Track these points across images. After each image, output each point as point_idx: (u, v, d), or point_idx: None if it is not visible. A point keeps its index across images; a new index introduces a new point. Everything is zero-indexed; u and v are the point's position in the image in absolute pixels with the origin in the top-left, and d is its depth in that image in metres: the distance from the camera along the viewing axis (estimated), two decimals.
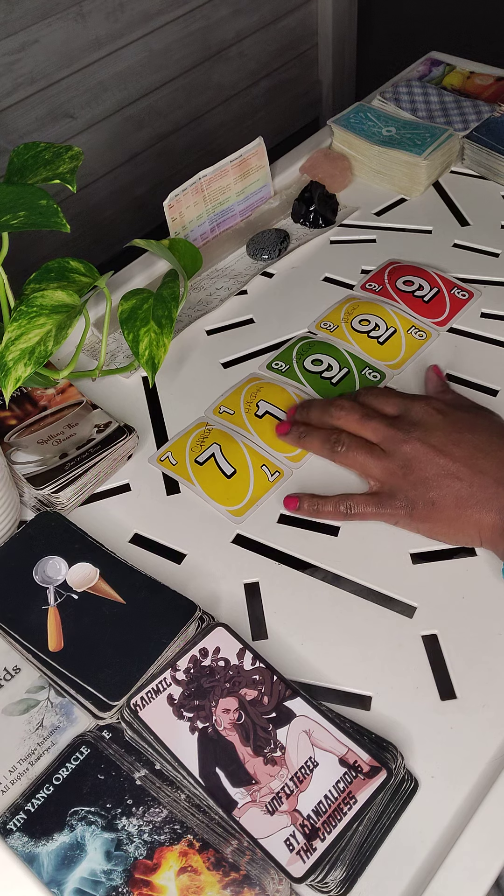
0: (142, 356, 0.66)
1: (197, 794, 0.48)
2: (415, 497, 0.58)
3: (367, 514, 0.60)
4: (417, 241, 0.85)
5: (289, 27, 1.57)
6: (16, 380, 0.58)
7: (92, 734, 0.51)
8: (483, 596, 0.57)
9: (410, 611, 0.57)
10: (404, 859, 0.47)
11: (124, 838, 0.47)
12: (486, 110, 0.94)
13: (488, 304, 0.77)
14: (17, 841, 0.47)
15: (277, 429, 0.66)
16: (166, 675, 0.52)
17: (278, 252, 0.84)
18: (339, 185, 0.91)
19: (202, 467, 0.66)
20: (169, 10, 1.32)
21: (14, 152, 0.68)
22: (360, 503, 0.60)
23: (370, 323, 0.75)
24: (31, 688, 0.54)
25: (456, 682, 0.53)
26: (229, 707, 0.50)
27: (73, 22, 1.19)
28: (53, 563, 0.58)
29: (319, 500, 0.61)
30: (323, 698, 0.52)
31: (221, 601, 0.58)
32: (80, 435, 0.66)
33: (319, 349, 0.74)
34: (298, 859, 0.45)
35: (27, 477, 0.63)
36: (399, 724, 0.52)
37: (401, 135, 0.90)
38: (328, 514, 0.61)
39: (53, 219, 0.60)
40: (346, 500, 0.60)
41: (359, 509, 0.60)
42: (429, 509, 0.58)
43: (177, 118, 1.44)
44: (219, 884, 0.45)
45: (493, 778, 0.49)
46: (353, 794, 0.47)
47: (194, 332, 0.78)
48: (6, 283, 0.64)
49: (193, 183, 0.81)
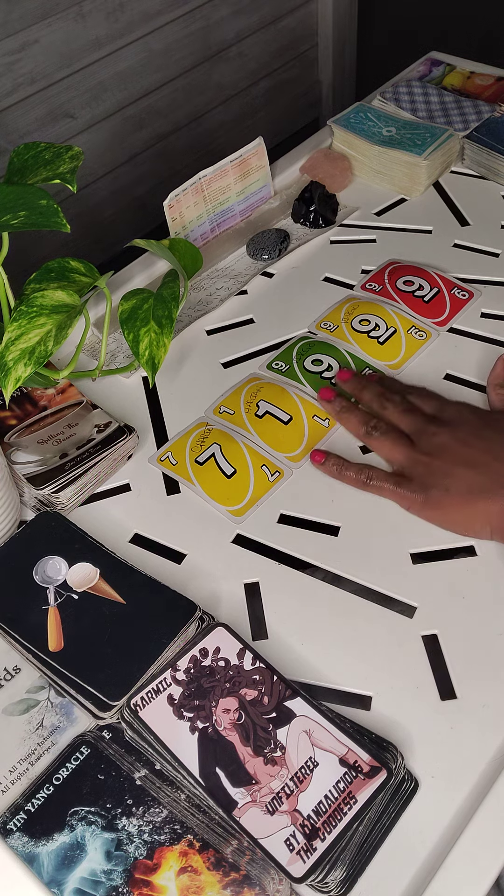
0: (142, 356, 0.66)
1: (197, 794, 0.48)
2: (431, 484, 0.60)
3: (384, 489, 0.62)
4: (417, 241, 0.85)
5: (289, 27, 1.57)
6: (16, 380, 0.58)
7: (92, 734, 0.51)
8: (483, 596, 0.57)
9: (410, 611, 0.57)
10: (404, 859, 0.47)
11: (124, 838, 0.47)
12: (486, 110, 0.94)
13: (488, 304, 0.77)
14: (17, 841, 0.47)
15: (321, 393, 0.69)
16: (166, 675, 0.52)
17: (278, 252, 0.84)
18: (339, 185, 0.91)
19: (202, 467, 0.66)
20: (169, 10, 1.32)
21: (14, 152, 0.68)
22: (381, 477, 0.62)
23: (370, 323, 0.75)
24: (31, 688, 0.54)
25: (456, 682, 0.53)
26: (229, 707, 0.50)
27: (73, 22, 1.19)
28: (53, 563, 0.58)
29: (345, 462, 0.63)
30: (323, 698, 0.52)
31: (221, 601, 0.58)
32: (80, 435, 0.66)
33: (319, 349, 0.74)
34: (298, 859, 0.45)
35: (27, 477, 0.63)
36: (399, 724, 0.52)
37: (401, 135, 0.90)
38: (349, 478, 0.63)
39: (53, 219, 0.60)
40: (368, 469, 0.62)
41: (377, 482, 0.62)
42: (442, 496, 0.59)
43: (177, 118, 1.44)
44: (219, 884, 0.45)
45: (493, 778, 0.49)
46: (354, 794, 0.47)
47: (194, 332, 0.78)
48: (6, 283, 0.64)
49: (193, 183, 0.81)
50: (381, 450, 0.64)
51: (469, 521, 0.59)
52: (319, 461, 0.64)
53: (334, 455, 0.64)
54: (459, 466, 0.59)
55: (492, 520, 0.58)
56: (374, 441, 0.64)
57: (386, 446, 0.64)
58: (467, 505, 0.58)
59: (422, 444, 0.62)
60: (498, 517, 0.57)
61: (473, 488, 0.58)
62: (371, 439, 0.65)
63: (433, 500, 0.60)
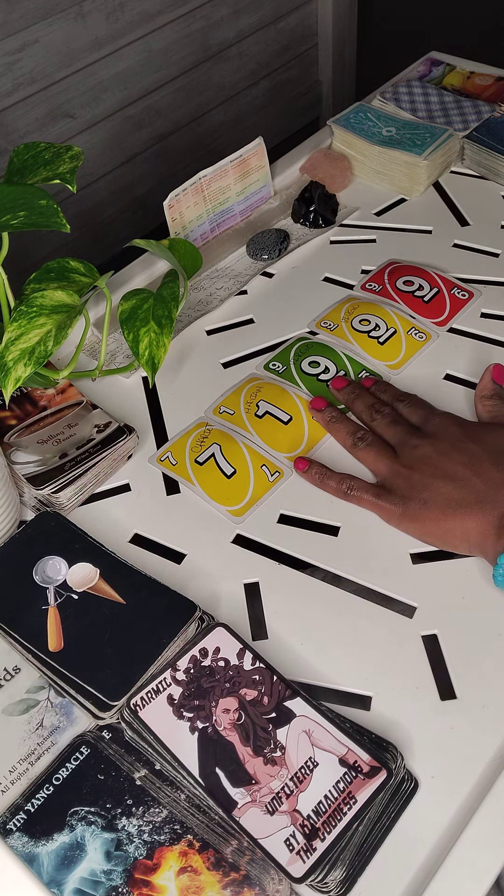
0: (142, 356, 0.66)
1: (197, 794, 0.48)
2: (409, 496, 0.59)
3: (364, 499, 0.62)
4: (417, 241, 0.85)
5: (289, 27, 1.57)
6: (16, 380, 0.58)
7: (92, 734, 0.51)
8: (483, 596, 0.57)
9: (410, 611, 0.57)
10: (404, 859, 0.47)
11: (124, 838, 0.47)
12: (486, 110, 0.94)
13: (488, 304, 0.77)
14: (17, 841, 0.47)
15: (313, 403, 0.69)
16: (166, 675, 0.52)
17: (278, 252, 0.84)
18: (339, 185, 0.91)
19: (202, 467, 0.66)
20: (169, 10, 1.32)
21: (14, 152, 0.68)
22: (361, 488, 0.62)
23: (370, 323, 0.75)
24: (31, 688, 0.54)
25: (456, 682, 0.53)
26: (229, 707, 0.50)
27: (73, 22, 1.19)
28: (53, 563, 0.58)
29: (327, 471, 0.64)
30: (323, 698, 0.52)
31: (221, 601, 0.58)
32: (80, 435, 0.66)
33: (317, 351, 0.74)
34: (298, 859, 0.45)
35: (27, 477, 0.63)
36: (399, 724, 0.52)
37: (401, 135, 0.90)
38: (330, 487, 0.63)
39: (53, 219, 0.60)
40: (349, 479, 0.62)
41: (358, 493, 0.62)
42: (420, 509, 0.59)
43: (177, 118, 1.44)
44: (219, 884, 0.45)
45: (493, 778, 0.49)
46: (353, 794, 0.47)
47: (194, 332, 0.78)
48: (6, 283, 0.64)
49: (193, 183, 0.81)
50: (366, 461, 0.65)
51: (447, 535, 0.58)
52: (303, 469, 0.64)
53: (317, 463, 0.64)
54: (438, 480, 0.59)
55: (469, 536, 0.57)
56: (360, 452, 0.65)
57: (370, 457, 0.64)
58: (445, 519, 0.58)
59: (404, 455, 0.62)
60: (475, 533, 0.56)
61: (451, 503, 0.57)
62: (357, 450, 0.65)
63: (411, 512, 0.59)
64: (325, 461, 0.65)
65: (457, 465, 0.59)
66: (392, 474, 0.61)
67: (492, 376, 0.67)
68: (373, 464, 0.64)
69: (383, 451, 0.63)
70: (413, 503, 0.59)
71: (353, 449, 0.65)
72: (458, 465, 0.59)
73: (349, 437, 0.66)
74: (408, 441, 0.62)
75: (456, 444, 0.61)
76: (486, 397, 0.66)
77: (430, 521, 0.58)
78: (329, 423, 0.67)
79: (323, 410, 0.68)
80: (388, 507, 0.60)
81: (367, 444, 0.64)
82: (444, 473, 0.59)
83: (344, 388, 0.69)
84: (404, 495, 0.60)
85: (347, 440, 0.66)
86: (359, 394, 0.68)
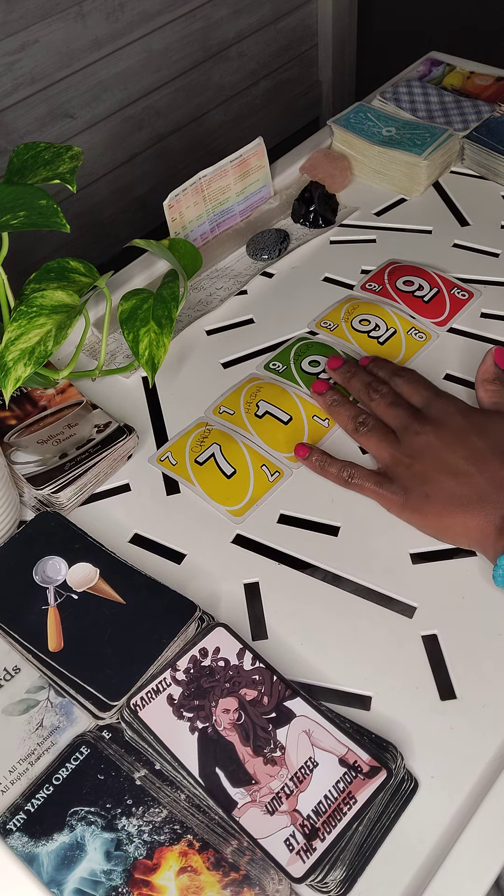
0: (142, 356, 0.66)
1: (197, 794, 0.48)
2: (411, 487, 0.59)
3: (364, 487, 0.61)
4: (417, 241, 0.85)
5: (289, 27, 1.57)
6: (16, 380, 0.58)
7: (92, 734, 0.51)
8: (483, 596, 0.57)
9: (410, 611, 0.57)
10: (404, 859, 0.47)
11: (124, 838, 0.47)
12: (486, 110, 0.94)
13: (488, 304, 0.77)
14: (17, 841, 0.47)
15: (314, 385, 0.68)
16: (166, 675, 0.52)
17: (278, 252, 0.84)
18: (339, 185, 0.91)
19: (202, 467, 0.66)
20: (169, 10, 1.32)
21: (14, 152, 0.68)
22: (362, 476, 0.62)
23: (370, 323, 0.75)
24: (31, 688, 0.54)
25: (456, 682, 0.53)
26: (229, 707, 0.50)
27: (73, 22, 1.18)
28: (53, 563, 0.58)
29: (328, 458, 0.63)
30: (323, 698, 0.52)
31: (221, 601, 0.58)
32: (80, 435, 0.66)
33: (317, 350, 0.74)
34: (298, 859, 0.45)
35: (27, 477, 0.63)
36: (399, 724, 0.52)
37: (401, 135, 0.90)
38: (331, 474, 0.63)
39: (53, 219, 0.60)
40: (350, 467, 0.62)
41: (358, 480, 0.62)
42: (421, 501, 0.58)
43: (177, 118, 1.44)
44: (219, 884, 0.45)
45: (493, 778, 0.49)
46: (353, 794, 0.47)
47: (194, 332, 0.78)
48: (6, 283, 0.64)
49: (193, 183, 0.81)
50: (368, 446, 0.64)
51: (447, 530, 0.58)
52: (303, 455, 0.64)
53: (318, 450, 0.64)
54: (441, 473, 0.58)
55: (470, 533, 0.57)
56: (362, 437, 0.64)
57: (373, 443, 0.63)
58: (447, 515, 0.57)
59: (405, 443, 0.61)
60: (477, 531, 0.56)
61: (454, 499, 0.57)
62: (359, 435, 0.64)
63: (412, 503, 0.59)
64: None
65: (460, 459, 0.58)
66: (394, 462, 0.61)
67: (493, 359, 0.66)
68: (375, 449, 0.63)
69: (385, 436, 0.62)
70: (414, 495, 0.59)
71: (354, 433, 0.65)
72: (462, 460, 0.58)
73: (350, 421, 0.65)
74: (409, 426, 0.62)
75: (459, 435, 0.60)
76: (487, 381, 0.65)
77: (431, 514, 0.58)
78: (330, 406, 0.67)
79: (324, 394, 0.68)
80: (390, 497, 0.60)
81: (369, 429, 0.63)
82: (446, 467, 0.58)
83: (339, 368, 0.69)
84: (406, 486, 0.59)
85: (349, 424, 0.65)
86: (354, 372, 0.68)
